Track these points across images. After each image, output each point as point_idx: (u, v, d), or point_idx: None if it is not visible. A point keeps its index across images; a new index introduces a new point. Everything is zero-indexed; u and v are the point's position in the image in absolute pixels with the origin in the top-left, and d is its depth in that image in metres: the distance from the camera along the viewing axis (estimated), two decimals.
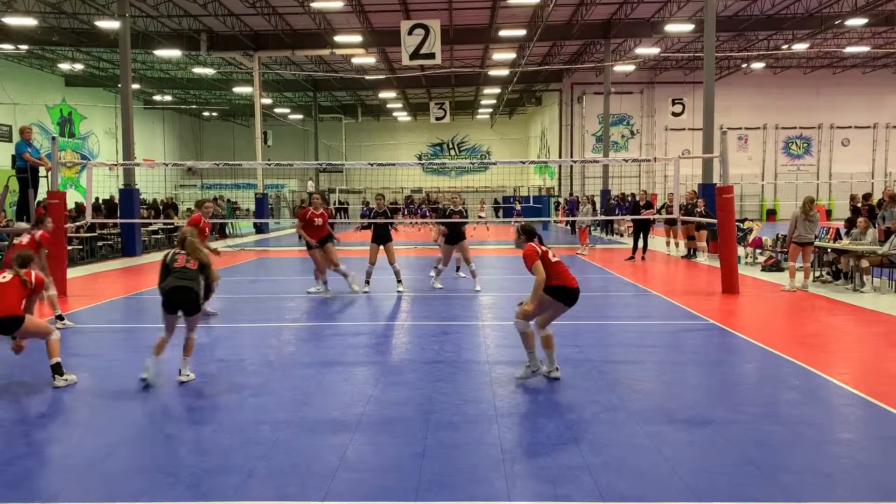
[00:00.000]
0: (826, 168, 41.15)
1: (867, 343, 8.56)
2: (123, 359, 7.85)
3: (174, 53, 30.36)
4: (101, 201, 24.86)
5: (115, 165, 18.80)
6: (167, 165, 25.95)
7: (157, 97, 44.65)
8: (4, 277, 6.64)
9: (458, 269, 14.43)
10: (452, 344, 8.37)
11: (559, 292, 6.56)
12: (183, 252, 6.91)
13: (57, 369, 6.64)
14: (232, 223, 30.09)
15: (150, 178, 36.16)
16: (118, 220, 20.18)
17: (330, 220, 12.57)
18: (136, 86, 37.56)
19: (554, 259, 6.65)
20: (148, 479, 4.43)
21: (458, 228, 12.61)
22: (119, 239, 20.32)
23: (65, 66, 35.10)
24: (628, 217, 25.79)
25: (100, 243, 19.68)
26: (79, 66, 35.13)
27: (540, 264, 6.48)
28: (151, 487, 4.32)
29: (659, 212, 20.65)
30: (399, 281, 12.53)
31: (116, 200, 24.13)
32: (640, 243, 18.21)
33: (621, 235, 27.75)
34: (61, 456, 4.97)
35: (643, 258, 18.02)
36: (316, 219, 12.00)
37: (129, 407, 6.05)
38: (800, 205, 12.63)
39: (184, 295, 6.72)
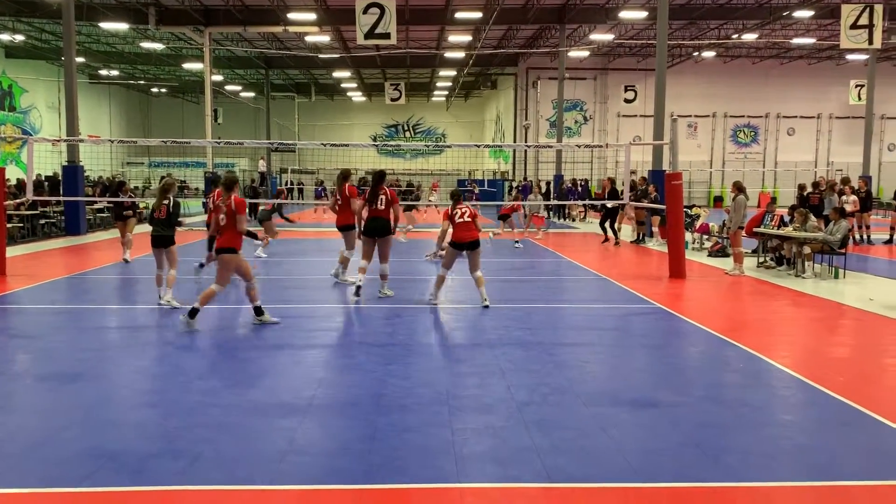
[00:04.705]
0: (772, 156, 42.13)
1: (807, 327, 8.83)
2: (65, 341, 7.64)
3: (121, 27, 29.39)
4: (43, 178, 24.07)
5: (59, 141, 18.17)
6: (113, 142, 25.21)
7: (104, 72, 43.29)
8: (223, 220, 8.03)
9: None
10: (404, 326, 8.36)
11: (452, 244, 9.44)
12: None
13: (257, 310, 8.19)
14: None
15: (96, 155, 35.18)
16: (61, 198, 19.58)
17: (283, 202, 12.38)
18: (80, 59, 36.26)
19: (459, 220, 9.38)
20: (89, 465, 4.32)
21: None
22: (62, 217, 19.73)
23: (4, 37, 33.69)
24: (579, 202, 26.12)
25: (42, 221, 19.08)
26: (20, 38, 33.78)
27: (447, 222, 9.54)
28: (93, 473, 4.21)
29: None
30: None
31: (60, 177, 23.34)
32: (612, 229, 18.06)
33: (573, 220, 28.02)
34: None
35: (616, 243, 17.88)
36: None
37: (71, 390, 5.89)
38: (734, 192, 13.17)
39: (157, 238, 9.22)
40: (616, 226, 18.14)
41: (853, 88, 35.00)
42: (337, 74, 42.87)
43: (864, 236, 18.36)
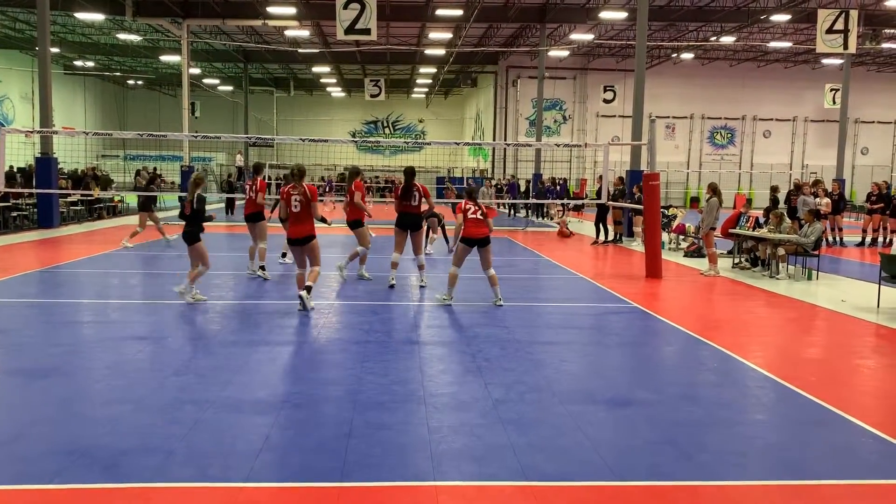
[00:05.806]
0: (748, 158, 42.58)
1: (780, 328, 8.93)
2: (37, 335, 7.53)
3: (97, 17, 28.99)
4: (15, 170, 23.69)
5: (32, 132, 17.90)
6: (87, 134, 24.91)
7: (79, 63, 42.67)
8: (297, 207, 8.54)
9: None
10: (382, 324, 8.34)
11: (463, 240, 9.29)
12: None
13: (308, 290, 8.61)
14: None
15: (70, 148, 34.57)
16: (34, 191, 19.27)
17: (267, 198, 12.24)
18: (55, 49, 35.79)
19: (471, 216, 9.22)
20: (61, 461, 4.26)
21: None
22: (35, 210, 19.43)
23: None
24: (558, 201, 26.23)
25: (14, 214, 18.78)
26: None
27: (460, 216, 9.28)
28: (65, 469, 4.15)
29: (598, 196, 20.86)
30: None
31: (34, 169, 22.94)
32: (605, 228, 18.12)
33: (551, 219, 28.10)
34: None
35: (605, 242, 17.98)
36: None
37: (43, 385, 5.81)
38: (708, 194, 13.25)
39: (183, 235, 9.09)
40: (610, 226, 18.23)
41: (828, 92, 35.44)
42: (316, 69, 42.63)
43: (837, 238, 18.62)
